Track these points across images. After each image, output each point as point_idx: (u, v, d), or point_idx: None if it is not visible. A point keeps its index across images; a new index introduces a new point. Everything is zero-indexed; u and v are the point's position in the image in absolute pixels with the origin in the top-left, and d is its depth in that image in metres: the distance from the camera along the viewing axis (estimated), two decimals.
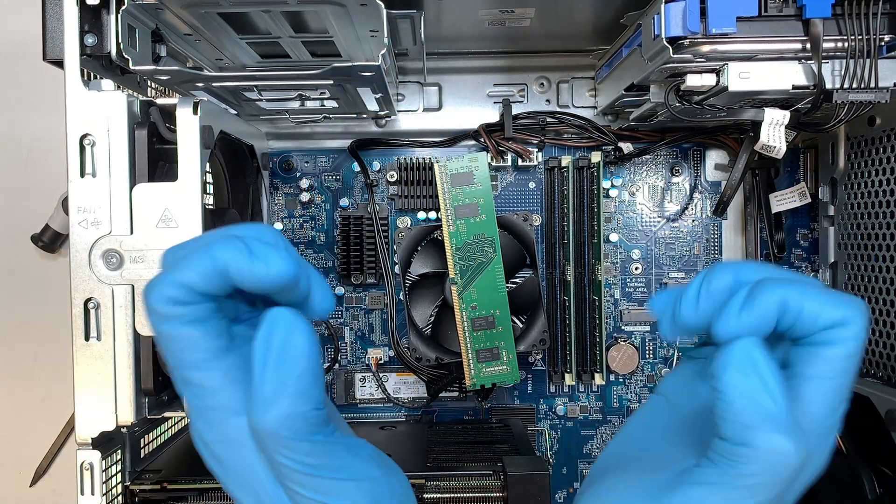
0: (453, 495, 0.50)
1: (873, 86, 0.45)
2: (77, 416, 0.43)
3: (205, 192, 0.49)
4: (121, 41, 0.43)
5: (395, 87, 0.66)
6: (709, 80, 0.47)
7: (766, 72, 0.46)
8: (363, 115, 0.64)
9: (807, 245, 0.68)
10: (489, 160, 0.65)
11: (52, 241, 0.72)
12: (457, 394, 0.68)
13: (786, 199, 0.65)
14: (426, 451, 0.57)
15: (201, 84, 0.49)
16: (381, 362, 0.68)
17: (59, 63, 0.43)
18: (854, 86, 0.45)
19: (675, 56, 0.44)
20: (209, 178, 0.61)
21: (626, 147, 0.66)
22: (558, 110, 0.66)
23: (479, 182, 0.61)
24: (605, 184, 0.67)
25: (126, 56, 0.44)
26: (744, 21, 0.44)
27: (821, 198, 0.65)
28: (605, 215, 0.67)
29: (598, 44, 0.63)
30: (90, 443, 0.44)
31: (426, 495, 0.50)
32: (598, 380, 0.65)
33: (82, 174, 0.42)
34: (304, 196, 0.67)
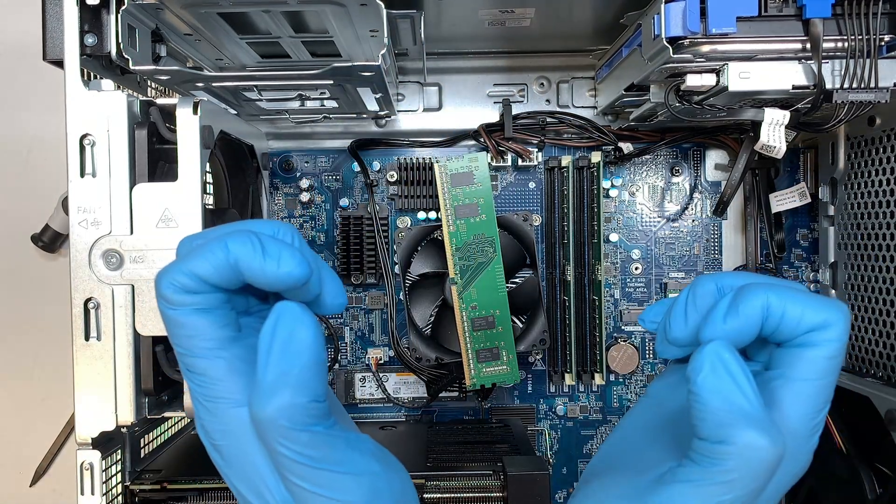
0: (453, 495, 0.50)
1: (873, 86, 0.45)
2: (77, 416, 0.43)
3: (205, 192, 0.49)
4: (121, 41, 0.43)
5: (395, 87, 0.66)
6: (709, 80, 0.47)
7: (766, 72, 0.46)
8: (363, 115, 0.64)
9: (807, 245, 0.68)
10: (489, 160, 0.65)
11: (52, 241, 0.72)
12: (457, 394, 0.68)
13: (786, 199, 0.65)
14: (426, 451, 0.57)
15: (201, 84, 0.49)
16: (381, 362, 0.68)
17: (59, 63, 0.43)
18: (854, 86, 0.45)
19: (675, 56, 0.44)
20: (209, 178, 0.61)
21: (626, 147, 0.66)
22: (558, 110, 0.66)
23: (479, 182, 0.61)
24: (605, 184, 0.67)
25: (126, 56, 0.44)
26: (744, 21, 0.44)
27: (821, 198, 0.65)
28: (605, 215, 0.67)
29: (598, 44, 0.63)
30: (90, 443, 0.44)
31: (426, 495, 0.50)
32: (598, 380, 0.65)
33: (82, 174, 0.42)
34: (304, 196, 0.67)
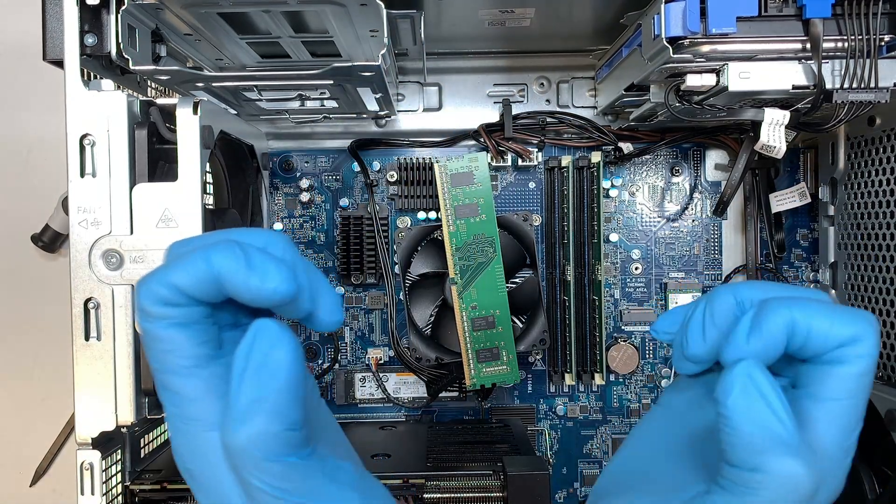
0: (453, 495, 0.50)
1: (873, 86, 0.45)
2: (77, 416, 0.43)
3: (205, 192, 0.49)
4: (121, 41, 0.43)
5: (395, 87, 0.66)
6: (709, 80, 0.47)
7: (766, 72, 0.46)
8: (363, 115, 0.64)
9: (807, 245, 0.68)
10: (489, 160, 0.65)
11: (52, 241, 0.72)
12: (457, 394, 0.68)
13: (786, 199, 0.65)
14: (426, 451, 0.57)
15: (201, 84, 0.49)
16: (381, 362, 0.68)
17: (59, 63, 0.43)
18: (854, 86, 0.45)
19: (675, 56, 0.44)
20: (209, 178, 0.61)
21: (626, 147, 0.66)
22: (558, 110, 0.66)
23: (479, 182, 0.61)
24: (605, 184, 0.67)
25: (126, 56, 0.44)
26: (744, 21, 0.44)
27: (821, 198, 0.65)
28: (605, 215, 0.67)
29: (598, 44, 0.63)
30: (90, 443, 0.44)
31: (426, 495, 0.50)
32: (598, 380, 0.65)
33: (82, 174, 0.42)
34: (304, 196, 0.67)
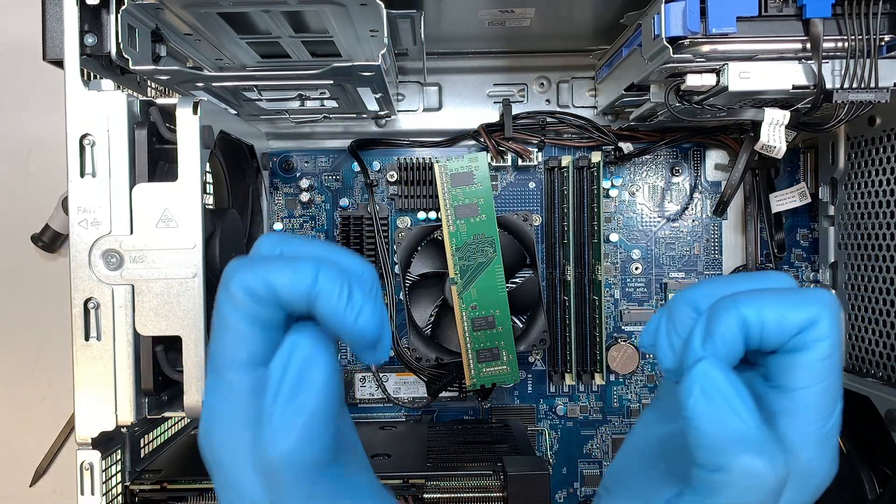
0: (453, 495, 0.50)
1: (873, 86, 0.45)
2: (77, 416, 0.43)
3: (205, 192, 0.49)
4: (121, 41, 0.43)
5: (395, 87, 0.66)
6: (709, 80, 0.47)
7: (766, 72, 0.46)
8: (363, 115, 0.64)
9: (807, 245, 0.68)
10: (489, 160, 0.65)
11: (52, 241, 0.72)
12: (457, 394, 0.68)
13: (786, 199, 0.65)
14: (426, 451, 0.57)
15: (201, 84, 0.49)
16: (381, 362, 0.68)
17: (59, 63, 0.43)
18: (854, 86, 0.45)
19: (675, 56, 0.44)
20: (209, 178, 0.61)
21: (626, 147, 0.66)
22: (558, 110, 0.66)
23: (479, 182, 0.61)
24: (605, 184, 0.67)
25: (126, 56, 0.44)
26: (744, 21, 0.44)
27: (821, 198, 0.65)
28: (605, 215, 0.67)
29: (598, 44, 0.63)
30: (90, 443, 0.44)
31: (426, 495, 0.50)
32: (598, 380, 0.65)
33: (82, 174, 0.42)
34: (304, 196, 0.67)
